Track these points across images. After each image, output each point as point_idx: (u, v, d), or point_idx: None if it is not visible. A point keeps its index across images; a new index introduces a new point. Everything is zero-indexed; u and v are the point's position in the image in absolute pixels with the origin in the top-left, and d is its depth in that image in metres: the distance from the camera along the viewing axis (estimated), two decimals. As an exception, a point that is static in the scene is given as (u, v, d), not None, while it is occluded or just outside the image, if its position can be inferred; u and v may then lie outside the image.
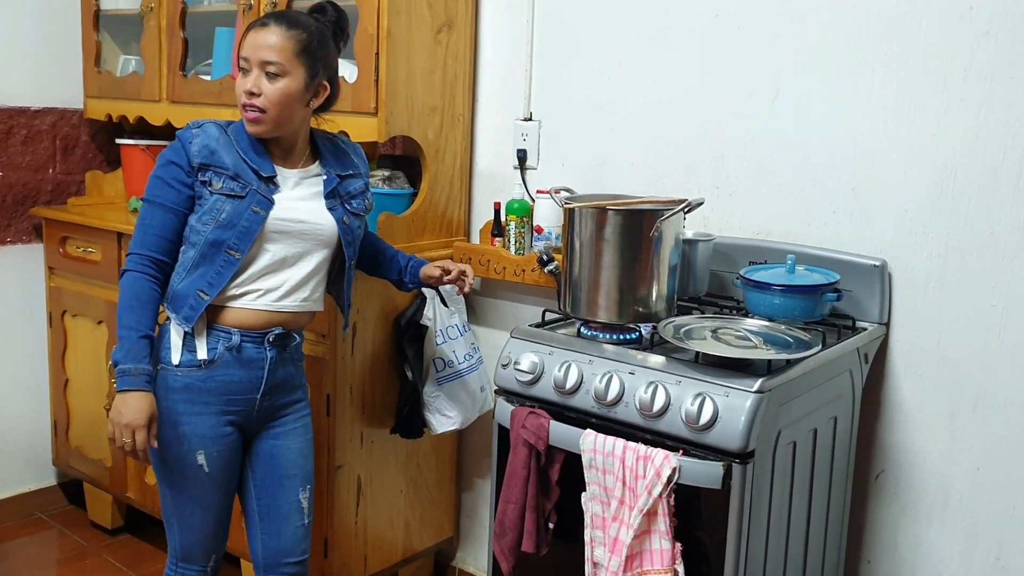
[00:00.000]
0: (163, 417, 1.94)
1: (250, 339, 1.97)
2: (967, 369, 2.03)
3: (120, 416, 1.86)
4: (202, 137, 1.94)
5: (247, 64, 1.92)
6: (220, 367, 1.95)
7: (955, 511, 2.08)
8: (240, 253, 1.91)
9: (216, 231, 1.90)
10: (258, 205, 1.92)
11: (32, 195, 3.23)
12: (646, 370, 1.81)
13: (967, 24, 1.95)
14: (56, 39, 3.24)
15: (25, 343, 3.27)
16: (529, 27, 2.58)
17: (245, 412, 2.01)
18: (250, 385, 2.00)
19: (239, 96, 1.93)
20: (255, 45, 1.92)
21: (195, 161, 1.92)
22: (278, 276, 1.97)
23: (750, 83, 2.24)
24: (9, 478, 3.29)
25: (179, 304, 1.93)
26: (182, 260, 1.95)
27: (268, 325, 1.99)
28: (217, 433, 1.97)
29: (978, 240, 1.99)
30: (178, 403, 1.94)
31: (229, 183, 1.92)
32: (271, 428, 2.07)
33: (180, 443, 1.95)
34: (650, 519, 1.71)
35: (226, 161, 1.92)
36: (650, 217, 1.92)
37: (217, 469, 1.99)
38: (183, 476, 1.98)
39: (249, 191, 1.92)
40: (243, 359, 1.97)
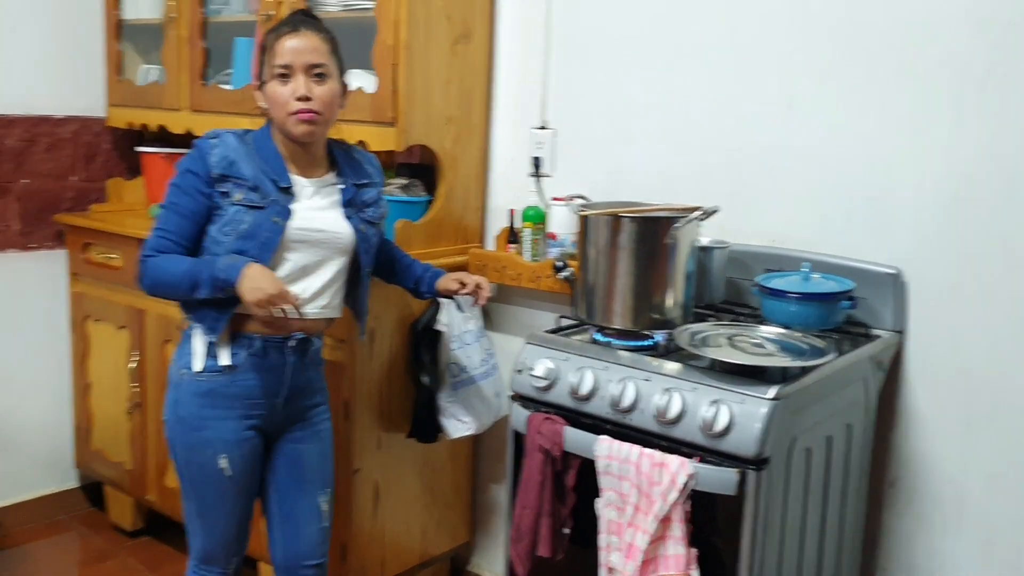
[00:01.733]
0: (185, 422, 1.97)
1: (272, 344, 2.00)
2: (982, 377, 2.03)
3: (261, 291, 1.83)
4: (221, 147, 1.95)
5: (288, 70, 1.93)
6: (242, 372, 1.98)
7: (971, 519, 2.08)
8: (262, 263, 1.93)
9: (237, 242, 1.92)
10: (278, 215, 1.94)
11: (55, 202, 3.28)
12: (662, 377, 1.82)
13: (981, 34, 1.96)
14: (79, 49, 3.29)
15: (48, 348, 3.31)
16: (545, 38, 2.60)
17: (267, 416, 2.03)
18: (272, 389, 2.02)
19: (286, 104, 1.93)
20: (297, 50, 1.93)
21: (214, 171, 1.93)
22: (299, 285, 2.00)
23: (765, 92, 2.25)
24: (31, 480, 3.34)
25: (203, 315, 1.95)
26: None
27: (289, 331, 2.01)
28: (239, 437, 2.00)
29: (993, 249, 1.99)
30: (202, 407, 1.96)
31: (249, 194, 1.93)
32: (292, 432, 2.10)
33: (203, 447, 1.98)
34: (665, 525, 1.73)
35: (245, 172, 1.94)
36: (665, 224, 1.94)
37: (239, 473, 2.01)
38: (205, 480, 2.00)
39: (268, 202, 1.94)
40: (265, 364, 2.00)
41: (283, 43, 1.94)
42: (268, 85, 1.96)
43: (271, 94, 1.96)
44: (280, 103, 1.94)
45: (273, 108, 1.97)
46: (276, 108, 1.96)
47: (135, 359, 2.99)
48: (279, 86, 1.94)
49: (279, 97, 1.94)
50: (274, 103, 1.96)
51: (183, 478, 2.04)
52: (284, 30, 1.96)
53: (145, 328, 2.96)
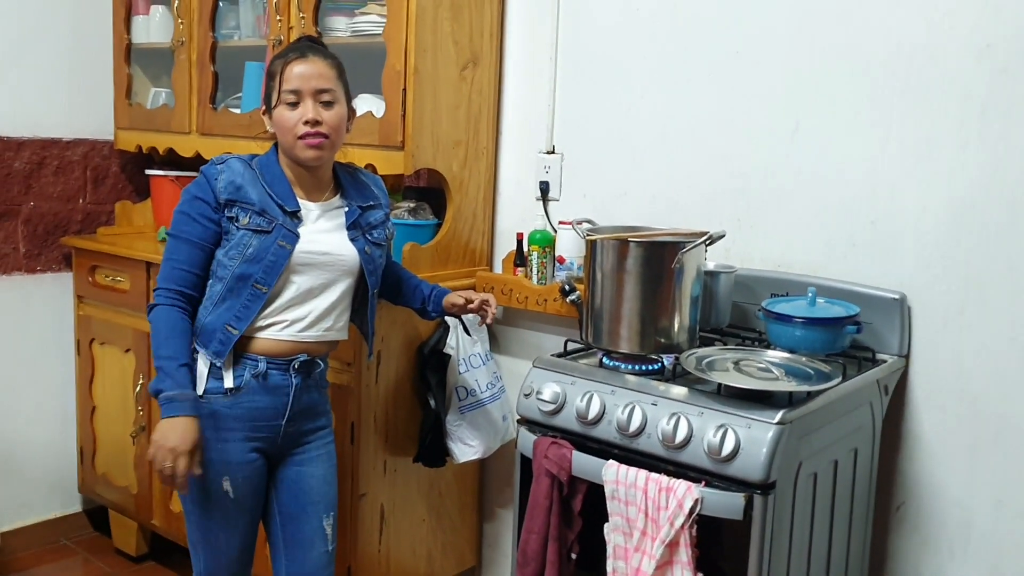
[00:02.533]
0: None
1: (275, 366, 2.00)
2: (987, 401, 2.04)
3: (165, 440, 1.87)
4: (228, 173, 1.97)
5: (296, 96, 1.95)
6: (246, 394, 1.99)
7: (977, 544, 2.08)
8: (267, 287, 1.95)
9: (243, 265, 1.94)
10: (284, 239, 1.96)
11: (63, 224, 3.30)
12: (668, 401, 1.83)
13: (985, 60, 1.98)
14: (88, 72, 3.31)
15: (53, 370, 3.32)
16: (552, 63, 2.63)
17: (270, 438, 2.04)
18: (275, 411, 2.03)
19: (294, 128, 1.95)
20: (305, 76, 1.96)
21: (221, 197, 1.95)
22: (304, 307, 2.01)
23: (770, 117, 2.27)
24: (35, 504, 3.33)
25: (208, 338, 1.96)
26: (209, 293, 1.98)
27: (293, 353, 2.02)
28: (243, 459, 2.00)
29: (997, 274, 2.00)
30: (204, 429, 1.96)
31: (255, 218, 1.95)
32: (296, 454, 2.10)
33: (206, 469, 1.98)
34: (672, 550, 1.73)
35: (252, 196, 1.96)
36: (672, 249, 1.95)
37: (243, 495, 2.01)
38: (209, 502, 2.01)
39: (275, 226, 1.96)
40: (268, 386, 2.00)
41: (291, 68, 1.96)
42: (276, 110, 1.98)
43: (279, 119, 1.98)
44: (288, 128, 1.96)
45: (281, 133, 1.98)
46: (284, 133, 1.97)
47: (141, 382, 3.00)
48: (287, 111, 1.96)
49: (287, 122, 1.96)
50: (282, 128, 1.97)
51: (186, 500, 2.04)
52: (292, 56, 1.98)
53: (151, 351, 2.96)
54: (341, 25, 2.69)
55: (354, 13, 2.67)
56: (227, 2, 3.01)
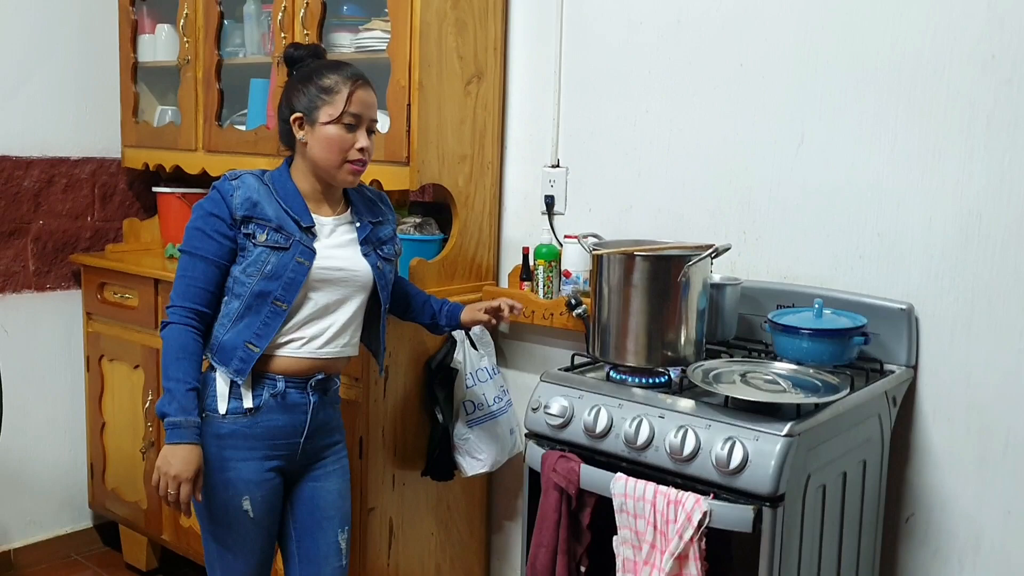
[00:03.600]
0: (209, 463, 1.96)
1: (293, 385, 2.01)
2: (996, 412, 2.04)
3: (168, 467, 1.88)
4: (243, 189, 1.97)
5: (357, 121, 1.97)
6: (265, 413, 1.99)
7: (987, 555, 2.08)
8: (287, 304, 1.95)
9: (262, 282, 1.94)
10: (302, 256, 1.96)
11: (71, 242, 3.32)
12: (676, 414, 1.83)
13: (990, 72, 1.98)
14: (95, 91, 3.34)
15: (63, 387, 3.33)
16: (556, 77, 2.64)
17: (288, 456, 2.04)
18: (293, 429, 2.03)
19: (347, 152, 1.97)
20: (367, 104, 1.99)
21: (238, 213, 1.95)
22: (321, 323, 2.01)
23: (775, 130, 2.28)
24: (45, 520, 3.34)
25: (227, 356, 1.96)
26: (225, 311, 1.98)
27: (311, 371, 2.02)
28: (261, 478, 2.00)
29: (1005, 284, 2.00)
30: (224, 449, 1.96)
31: (273, 235, 1.95)
32: (312, 471, 2.10)
33: (226, 489, 1.97)
34: (681, 563, 1.73)
35: (268, 212, 1.96)
36: (678, 263, 1.95)
37: (261, 514, 2.01)
38: (227, 522, 2.00)
39: (292, 242, 1.95)
40: (287, 404, 2.01)
41: (357, 93, 1.97)
42: (329, 127, 1.96)
43: (332, 136, 1.96)
44: (342, 149, 1.96)
45: (328, 149, 1.97)
46: (333, 152, 1.97)
47: (150, 398, 3.01)
48: (344, 132, 1.96)
49: (342, 143, 1.96)
50: (333, 146, 1.96)
51: (204, 519, 2.03)
52: (359, 80, 1.99)
53: (160, 367, 2.97)
54: (345, 41, 2.71)
55: (358, 29, 2.69)
56: (232, 20, 3.03)
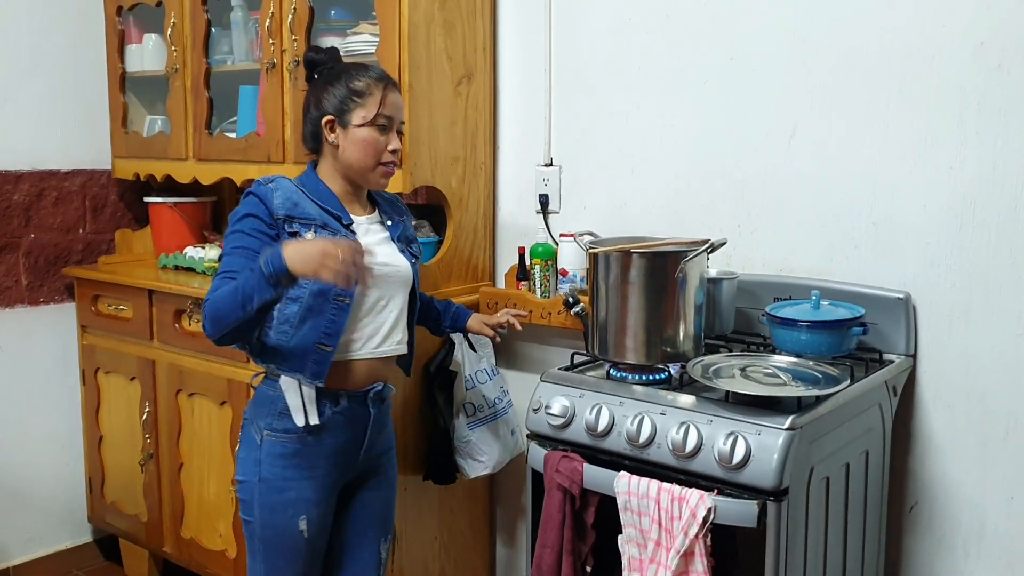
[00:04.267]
0: (268, 483, 1.94)
1: (354, 399, 1.99)
2: (996, 399, 2.04)
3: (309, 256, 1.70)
4: (281, 191, 1.94)
5: (389, 123, 1.97)
6: (329, 430, 1.96)
7: (991, 542, 2.08)
8: (349, 298, 1.92)
9: (319, 282, 1.87)
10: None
11: (64, 255, 3.30)
12: (677, 410, 1.82)
13: (979, 58, 1.98)
14: (84, 102, 3.32)
15: (59, 401, 3.32)
16: (547, 75, 2.64)
17: (348, 470, 2.03)
18: (356, 443, 2.02)
19: (381, 153, 1.97)
20: (398, 106, 2.00)
21: (279, 213, 1.92)
22: (375, 322, 2.00)
23: (767, 122, 2.28)
24: (45, 536, 3.33)
25: (299, 362, 1.91)
26: (283, 317, 1.92)
27: (369, 380, 2.01)
28: (320, 496, 1.97)
29: (1001, 270, 2.00)
30: (286, 469, 1.93)
31: (320, 231, 1.93)
32: (367, 481, 2.09)
33: (284, 509, 1.94)
34: (687, 560, 1.72)
35: (310, 212, 1.94)
36: (674, 259, 1.95)
37: (315, 533, 1.98)
38: (281, 542, 1.96)
39: (340, 237, 1.94)
40: (349, 419, 1.99)
41: (389, 95, 1.97)
42: (363, 129, 1.95)
43: (367, 139, 1.95)
44: (376, 151, 1.96)
45: (362, 152, 1.96)
46: (367, 154, 1.96)
47: (147, 410, 2.99)
48: (377, 134, 1.96)
49: (376, 145, 1.96)
50: (367, 148, 1.96)
51: (255, 539, 1.98)
52: (389, 83, 1.99)
53: (156, 379, 2.96)
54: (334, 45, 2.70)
55: (346, 33, 2.68)
56: (219, 28, 3.02)
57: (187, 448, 2.91)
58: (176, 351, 2.90)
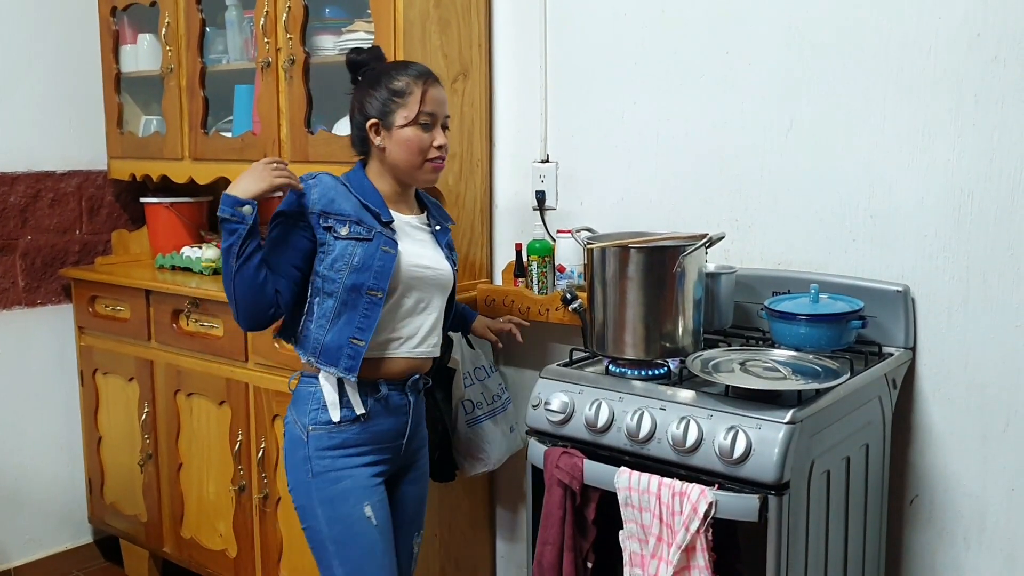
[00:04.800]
0: (322, 477, 1.94)
1: (394, 387, 2.01)
2: (996, 390, 2.04)
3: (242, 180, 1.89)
4: (319, 187, 1.96)
5: (432, 120, 1.97)
6: (373, 418, 1.98)
7: (992, 533, 2.08)
8: (381, 292, 1.94)
9: (352, 276, 1.92)
10: (386, 245, 1.95)
11: (60, 256, 3.30)
12: (677, 405, 1.82)
13: (976, 50, 1.98)
14: (79, 103, 3.31)
15: (57, 402, 3.31)
16: (543, 72, 2.63)
17: (392, 459, 2.04)
18: (398, 432, 2.04)
19: (426, 151, 1.97)
20: (440, 101, 1.99)
21: (315, 208, 1.93)
22: (414, 322, 2.02)
23: (764, 116, 2.27)
24: (45, 537, 3.32)
25: (334, 356, 1.93)
26: (320, 311, 1.95)
27: (408, 372, 2.04)
28: (374, 483, 1.99)
29: (999, 262, 2.00)
30: (336, 459, 1.94)
31: (355, 227, 1.94)
32: (406, 474, 2.11)
33: (346, 499, 1.95)
34: (689, 555, 1.72)
35: (346, 208, 1.95)
36: (672, 253, 1.95)
37: (382, 521, 1.99)
38: (353, 535, 1.95)
39: (374, 233, 1.95)
40: (390, 407, 2.02)
41: (430, 92, 1.97)
42: (407, 129, 1.96)
43: (411, 138, 1.96)
44: (421, 149, 1.97)
45: (408, 151, 1.97)
46: (412, 153, 1.97)
47: (146, 410, 2.99)
48: (421, 132, 1.97)
49: (420, 143, 1.97)
50: (412, 147, 1.97)
51: (326, 542, 1.96)
52: (430, 79, 1.99)
53: (155, 379, 2.96)
54: (329, 44, 2.69)
55: (341, 31, 2.67)
56: (214, 27, 3.01)
57: (186, 448, 2.91)
58: (174, 351, 2.89)
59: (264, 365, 2.63)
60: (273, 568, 2.69)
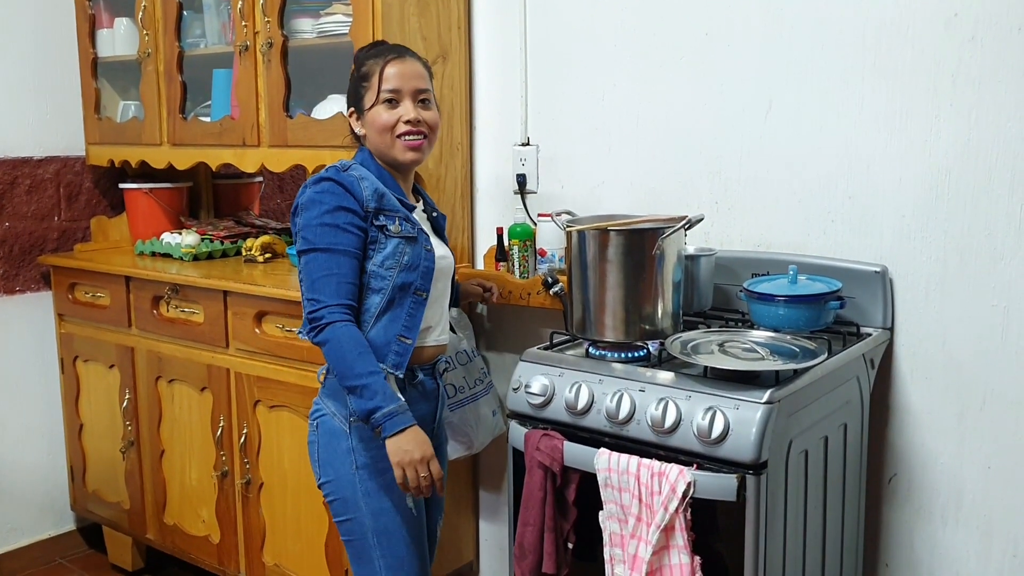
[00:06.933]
0: (367, 469, 1.94)
1: (426, 372, 2.04)
2: (972, 369, 2.05)
3: (409, 455, 1.82)
4: (367, 180, 1.92)
5: (396, 95, 1.94)
6: (413, 404, 1.96)
7: (969, 510, 2.10)
8: (426, 292, 1.95)
9: (402, 275, 1.92)
10: (427, 244, 1.96)
11: (39, 244, 3.27)
12: (656, 387, 1.83)
13: (953, 30, 1.98)
14: (55, 88, 3.28)
15: (38, 390, 3.29)
16: (522, 54, 2.62)
17: None
18: (431, 415, 2.08)
19: (394, 127, 1.94)
20: (405, 75, 1.94)
21: (369, 205, 1.90)
22: (436, 312, 2.04)
23: (743, 98, 2.27)
24: (28, 525, 3.31)
25: (380, 352, 1.91)
26: (365, 307, 1.93)
27: (435, 357, 2.07)
28: None
29: (976, 241, 2.01)
30: (380, 448, 1.90)
31: (404, 225, 1.93)
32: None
33: (390, 490, 1.94)
34: (668, 534, 1.73)
35: (394, 203, 1.93)
36: (652, 236, 1.95)
37: (420, 511, 2.00)
38: (397, 528, 1.95)
39: (417, 231, 1.95)
40: (425, 392, 2.04)
41: (390, 68, 1.94)
42: (373, 110, 1.95)
43: (376, 119, 1.95)
44: (388, 127, 1.94)
45: (379, 133, 1.95)
46: (382, 132, 1.95)
47: (127, 397, 2.98)
48: (385, 111, 1.94)
49: (387, 121, 1.94)
50: (380, 127, 1.95)
51: (366, 536, 1.95)
52: (389, 56, 1.96)
53: (136, 366, 2.95)
54: (307, 27, 2.68)
55: (319, 14, 2.66)
56: (191, 11, 2.99)
57: (168, 435, 2.90)
58: (155, 338, 2.88)
59: (245, 351, 2.63)
60: (256, 553, 2.69)
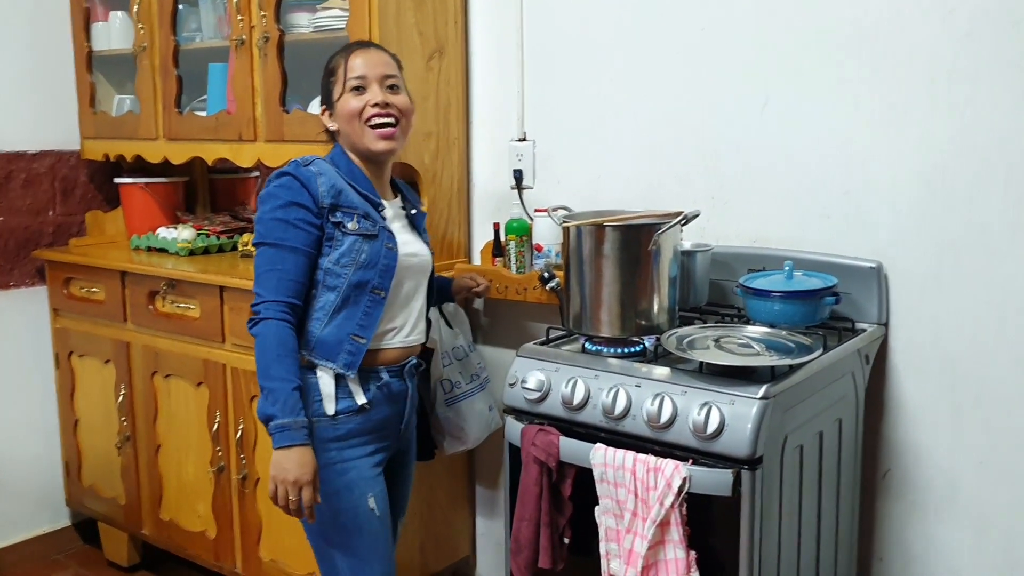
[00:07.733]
0: (327, 468, 1.91)
1: (393, 374, 2.01)
2: (967, 365, 2.06)
3: (285, 473, 1.79)
4: (325, 176, 1.90)
5: (363, 82, 1.93)
6: (376, 406, 1.96)
7: (963, 506, 2.11)
8: (385, 291, 1.93)
9: (358, 273, 1.90)
10: (389, 241, 1.94)
11: (34, 238, 3.26)
12: (652, 382, 1.83)
13: (948, 26, 1.99)
14: (50, 82, 3.27)
15: (33, 385, 3.29)
16: (519, 50, 2.62)
17: (391, 445, 2.05)
18: (398, 417, 2.05)
19: (362, 113, 1.92)
20: (370, 63, 1.94)
21: (324, 202, 1.89)
22: (406, 312, 2.02)
23: (739, 93, 2.27)
24: (23, 520, 3.31)
25: (331, 351, 1.90)
26: (319, 304, 1.91)
27: (404, 358, 2.04)
28: (376, 472, 1.99)
29: (971, 237, 2.02)
30: (342, 450, 1.91)
31: (363, 222, 1.91)
32: (400, 459, 2.11)
33: (351, 491, 1.93)
34: (663, 529, 1.74)
35: (353, 199, 1.91)
36: (648, 231, 1.95)
37: (384, 510, 1.99)
38: (357, 527, 1.94)
39: (379, 228, 1.93)
40: (392, 394, 2.01)
41: (354, 58, 1.95)
42: (341, 100, 1.94)
43: (345, 108, 1.94)
44: (356, 114, 1.93)
45: (348, 122, 1.94)
46: (351, 121, 1.94)
47: (123, 392, 2.98)
48: (353, 99, 1.93)
49: (354, 108, 1.93)
50: (349, 116, 1.93)
51: (329, 531, 1.95)
52: (353, 48, 1.98)
53: (131, 361, 2.95)
54: (303, 21, 2.67)
55: (316, 9, 2.65)
56: (187, 5, 2.98)
57: (164, 430, 2.90)
58: (150, 333, 2.88)
59: (241, 346, 2.63)
60: (253, 548, 2.70)
